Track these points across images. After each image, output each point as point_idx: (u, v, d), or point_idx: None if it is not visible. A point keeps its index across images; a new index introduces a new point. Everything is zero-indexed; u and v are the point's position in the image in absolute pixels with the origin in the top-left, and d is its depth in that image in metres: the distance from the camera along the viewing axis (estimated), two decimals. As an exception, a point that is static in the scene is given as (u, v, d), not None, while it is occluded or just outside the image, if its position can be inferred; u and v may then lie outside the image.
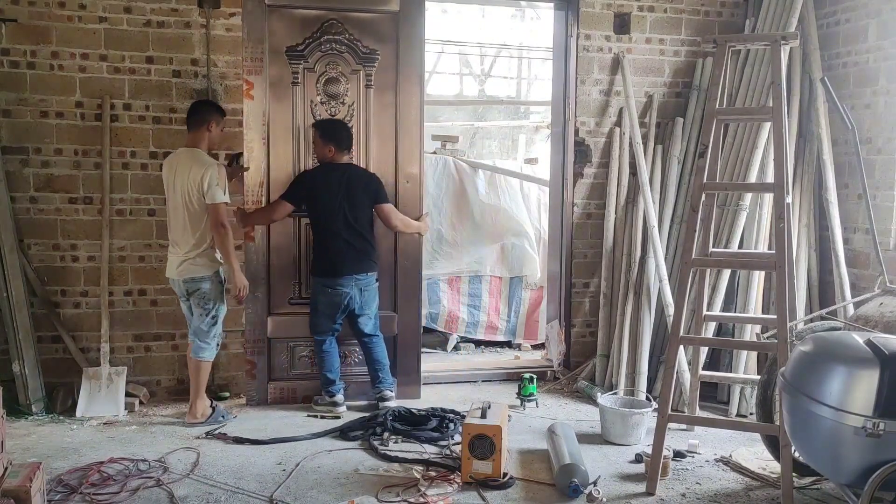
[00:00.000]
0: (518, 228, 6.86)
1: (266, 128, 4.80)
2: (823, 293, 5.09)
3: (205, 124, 4.43)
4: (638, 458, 4.02)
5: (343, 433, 4.33)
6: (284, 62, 4.83)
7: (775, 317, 3.70)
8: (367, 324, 4.84)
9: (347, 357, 5.06)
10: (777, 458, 3.65)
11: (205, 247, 4.40)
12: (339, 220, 4.68)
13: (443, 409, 4.57)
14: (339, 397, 4.77)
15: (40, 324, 4.75)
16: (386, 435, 4.25)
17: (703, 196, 3.82)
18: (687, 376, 4.67)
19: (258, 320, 4.89)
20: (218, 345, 4.58)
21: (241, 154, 4.78)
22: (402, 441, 4.22)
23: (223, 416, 4.53)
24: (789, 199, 3.95)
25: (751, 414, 4.64)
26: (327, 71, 4.91)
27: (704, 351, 4.81)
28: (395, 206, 4.93)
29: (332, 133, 4.73)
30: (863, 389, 2.79)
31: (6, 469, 2.93)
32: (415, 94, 5.01)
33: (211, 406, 4.57)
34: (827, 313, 4.36)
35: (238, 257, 4.59)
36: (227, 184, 4.41)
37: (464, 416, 3.96)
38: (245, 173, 4.76)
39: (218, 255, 4.46)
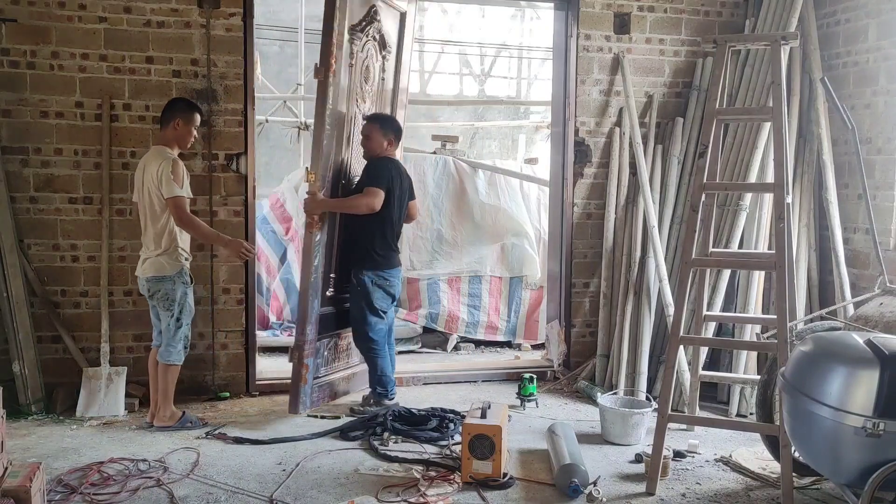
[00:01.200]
0: (518, 228, 6.86)
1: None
2: (823, 293, 5.09)
3: (172, 121, 4.34)
4: (638, 458, 4.02)
5: (343, 433, 4.32)
6: (346, 41, 4.53)
7: (775, 317, 3.70)
8: (392, 317, 4.90)
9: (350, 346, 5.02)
10: (777, 458, 3.65)
11: (166, 246, 4.27)
12: (399, 213, 4.70)
13: (443, 409, 4.57)
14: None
15: (40, 324, 4.74)
16: (386, 435, 4.25)
17: (703, 196, 3.82)
18: (687, 376, 4.67)
19: (315, 317, 4.54)
20: (185, 347, 4.41)
21: (241, 154, 4.77)
22: (402, 441, 4.22)
23: (191, 423, 4.40)
24: (789, 199, 3.95)
25: (751, 414, 4.64)
26: (366, 56, 4.82)
27: (704, 351, 4.81)
28: None
29: (392, 125, 4.73)
30: (863, 389, 2.79)
31: (6, 469, 2.93)
32: (403, 93, 5.21)
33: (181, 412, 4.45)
34: (827, 313, 4.36)
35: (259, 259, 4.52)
36: (186, 178, 4.29)
37: (464, 416, 3.96)
38: (317, 156, 4.37)
39: (182, 256, 4.33)
